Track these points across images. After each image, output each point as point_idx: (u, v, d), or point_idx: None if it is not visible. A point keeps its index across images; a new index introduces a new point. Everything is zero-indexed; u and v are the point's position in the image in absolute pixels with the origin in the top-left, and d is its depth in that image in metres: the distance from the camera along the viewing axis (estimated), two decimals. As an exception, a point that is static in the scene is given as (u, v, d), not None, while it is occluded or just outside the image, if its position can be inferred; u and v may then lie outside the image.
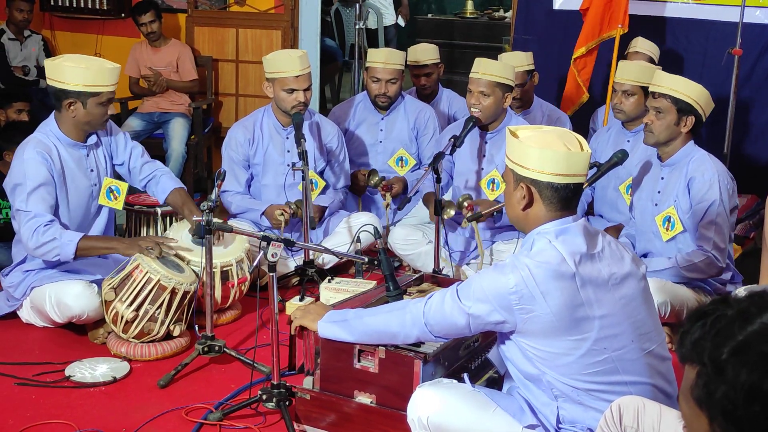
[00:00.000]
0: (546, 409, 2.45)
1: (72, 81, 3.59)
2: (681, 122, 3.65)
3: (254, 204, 4.50)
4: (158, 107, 6.17)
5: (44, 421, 3.04)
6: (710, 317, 1.32)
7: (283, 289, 4.21)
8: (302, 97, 4.35)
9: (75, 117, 3.66)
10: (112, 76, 3.66)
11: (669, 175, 3.77)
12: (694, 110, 3.63)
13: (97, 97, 3.62)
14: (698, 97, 3.64)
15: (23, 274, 3.73)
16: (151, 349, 3.54)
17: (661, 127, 3.67)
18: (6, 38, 6.37)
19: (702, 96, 3.65)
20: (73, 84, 3.59)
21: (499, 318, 2.38)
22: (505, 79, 4.19)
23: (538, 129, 2.53)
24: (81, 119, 3.67)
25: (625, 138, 4.44)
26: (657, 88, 3.69)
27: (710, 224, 3.63)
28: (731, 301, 1.34)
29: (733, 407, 1.25)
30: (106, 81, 3.63)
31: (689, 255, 3.67)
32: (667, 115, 3.65)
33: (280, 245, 2.96)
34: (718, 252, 3.63)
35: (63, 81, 3.60)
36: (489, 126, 4.32)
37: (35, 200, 3.56)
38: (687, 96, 3.62)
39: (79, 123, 3.68)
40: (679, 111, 3.63)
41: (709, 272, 3.67)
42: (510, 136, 2.48)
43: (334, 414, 2.83)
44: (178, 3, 6.53)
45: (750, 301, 1.32)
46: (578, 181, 2.42)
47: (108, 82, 3.64)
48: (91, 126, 3.73)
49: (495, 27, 8.54)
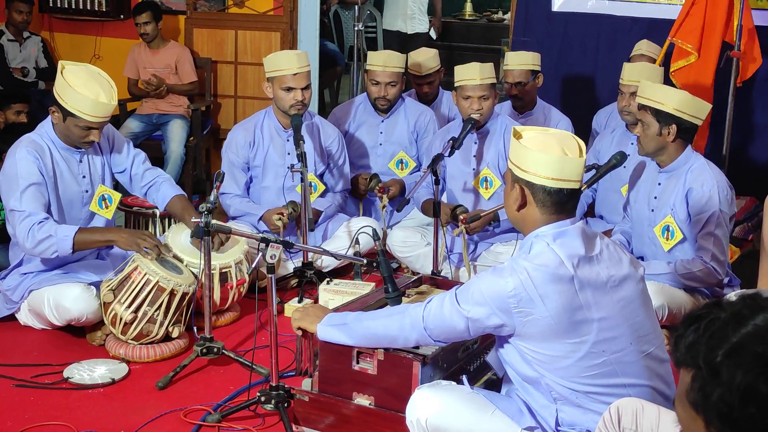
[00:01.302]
0: (545, 412, 2.45)
1: (60, 93, 3.55)
2: (663, 132, 3.62)
3: (252, 208, 4.49)
4: (157, 109, 6.17)
5: (43, 423, 3.04)
6: (704, 321, 1.33)
7: (281, 291, 4.21)
8: (300, 96, 4.33)
9: (57, 124, 3.65)
10: (99, 109, 3.52)
11: (666, 182, 3.75)
12: (676, 119, 3.59)
13: (75, 119, 3.55)
14: (679, 104, 3.59)
15: (21, 277, 3.72)
16: (149, 350, 3.54)
17: (646, 139, 3.67)
18: (5, 39, 6.38)
19: (684, 103, 3.59)
20: (59, 96, 3.55)
21: (498, 321, 2.38)
22: (494, 79, 4.33)
23: (543, 131, 2.52)
24: (61, 130, 3.65)
25: (629, 140, 4.43)
26: (641, 100, 3.70)
27: (709, 236, 3.61)
28: (724, 304, 1.34)
29: (728, 409, 1.25)
30: (90, 111, 3.52)
31: (688, 263, 3.65)
32: (650, 126, 3.64)
33: (278, 247, 2.96)
34: (717, 263, 3.61)
35: (56, 88, 3.58)
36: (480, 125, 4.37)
37: (28, 199, 3.54)
38: (666, 105, 3.59)
39: (61, 132, 3.66)
40: (659, 122, 3.61)
41: (708, 282, 3.66)
42: (512, 136, 2.47)
43: (332, 416, 2.83)
44: (177, 4, 6.53)
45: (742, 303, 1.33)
46: (572, 187, 2.41)
47: (92, 113, 3.52)
48: (70, 140, 3.67)
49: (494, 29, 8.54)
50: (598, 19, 5.67)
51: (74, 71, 3.59)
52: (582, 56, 5.77)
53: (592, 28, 5.70)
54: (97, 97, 3.53)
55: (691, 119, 3.61)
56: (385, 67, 4.85)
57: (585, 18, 5.72)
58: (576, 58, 5.80)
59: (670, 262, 3.70)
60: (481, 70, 4.28)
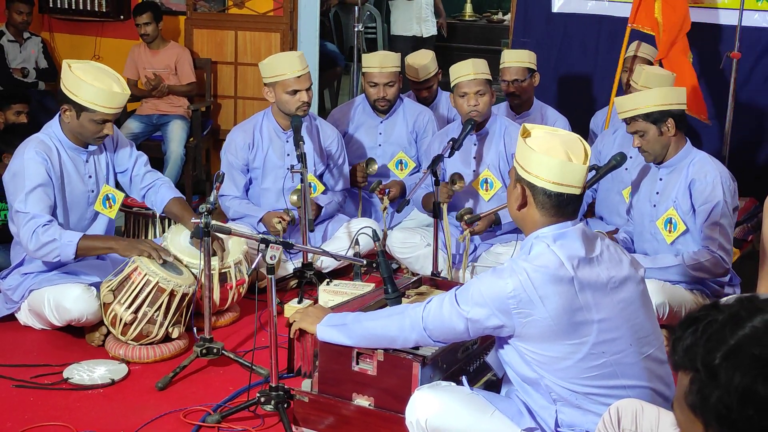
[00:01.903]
0: (544, 413, 2.45)
1: (73, 89, 3.57)
2: (662, 130, 3.66)
3: (252, 210, 4.49)
4: (157, 109, 6.16)
5: (42, 423, 3.04)
6: (701, 323, 1.32)
7: (281, 292, 4.21)
8: (306, 96, 4.34)
9: (69, 123, 3.66)
10: (114, 100, 3.57)
11: (668, 177, 3.77)
12: (667, 112, 3.64)
13: (91, 113, 3.57)
14: (663, 98, 3.64)
15: (21, 277, 3.72)
16: (149, 351, 3.54)
17: (650, 144, 3.70)
18: (5, 40, 6.37)
19: (664, 95, 3.65)
20: (72, 93, 3.57)
21: (497, 322, 2.38)
22: (489, 75, 4.33)
23: (552, 131, 2.51)
24: (73, 128, 3.66)
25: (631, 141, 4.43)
26: (624, 115, 3.73)
27: (715, 225, 3.63)
28: (721, 306, 1.34)
29: (727, 411, 1.25)
30: (105, 103, 3.55)
31: (696, 254, 3.66)
32: (648, 132, 3.68)
33: (278, 247, 2.96)
34: (723, 252, 3.63)
35: (66, 86, 3.59)
36: (478, 127, 4.36)
37: (33, 201, 3.55)
38: (652, 105, 3.63)
39: (73, 130, 3.68)
40: (655, 122, 3.65)
41: (716, 272, 3.67)
42: (520, 135, 2.47)
43: (332, 416, 2.83)
44: (177, 5, 6.53)
45: (740, 305, 1.33)
46: (573, 192, 2.41)
47: (107, 105, 3.56)
48: (83, 138, 3.69)
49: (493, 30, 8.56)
50: (597, 20, 5.67)
51: (82, 67, 3.63)
52: (581, 57, 5.78)
53: (592, 29, 5.70)
54: (110, 88, 3.57)
55: (679, 106, 3.67)
56: (381, 68, 4.85)
57: (584, 19, 5.72)
58: (575, 59, 5.80)
59: (678, 255, 3.70)
60: (474, 65, 4.29)
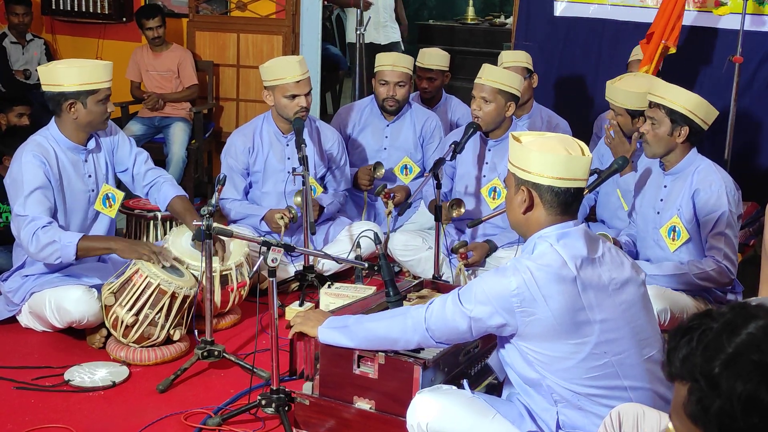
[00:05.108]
0: (546, 415, 2.45)
1: (68, 82, 3.61)
2: (675, 132, 3.62)
3: (254, 210, 4.50)
4: (159, 112, 6.17)
5: (43, 426, 3.04)
6: (696, 332, 1.31)
7: (282, 295, 4.21)
8: (304, 102, 4.34)
9: (77, 119, 3.66)
10: (105, 72, 3.69)
11: (672, 184, 3.75)
12: (689, 120, 3.59)
13: (95, 94, 3.64)
14: (694, 107, 3.59)
15: (22, 279, 3.72)
16: (150, 353, 3.54)
17: (655, 138, 3.65)
18: (8, 42, 6.39)
19: (699, 106, 3.60)
20: (69, 85, 3.61)
21: (500, 321, 2.38)
22: (508, 87, 4.19)
23: (540, 135, 2.55)
24: (83, 120, 3.67)
25: None
26: (653, 98, 3.67)
27: (720, 235, 3.61)
28: (715, 315, 1.33)
29: (730, 420, 1.24)
30: (101, 78, 3.66)
31: (701, 263, 3.64)
32: (661, 125, 3.63)
33: (280, 250, 2.96)
34: (729, 262, 3.61)
35: (59, 84, 3.61)
36: (492, 134, 4.33)
37: (33, 203, 3.56)
38: (681, 106, 3.59)
39: (81, 124, 3.69)
40: (673, 121, 3.61)
41: (722, 281, 3.65)
42: (512, 141, 2.49)
43: (333, 420, 2.83)
44: (179, 8, 6.54)
45: (733, 312, 1.32)
46: (578, 186, 2.43)
47: (103, 79, 3.67)
48: (93, 126, 3.73)
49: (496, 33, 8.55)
50: (599, 24, 5.67)
51: (58, 63, 3.79)
52: (583, 61, 5.77)
53: (594, 32, 5.69)
54: (95, 63, 3.74)
55: (701, 123, 3.62)
56: (393, 66, 4.87)
57: (587, 23, 5.71)
58: (577, 63, 5.79)
59: (683, 263, 3.69)
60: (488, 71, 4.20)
